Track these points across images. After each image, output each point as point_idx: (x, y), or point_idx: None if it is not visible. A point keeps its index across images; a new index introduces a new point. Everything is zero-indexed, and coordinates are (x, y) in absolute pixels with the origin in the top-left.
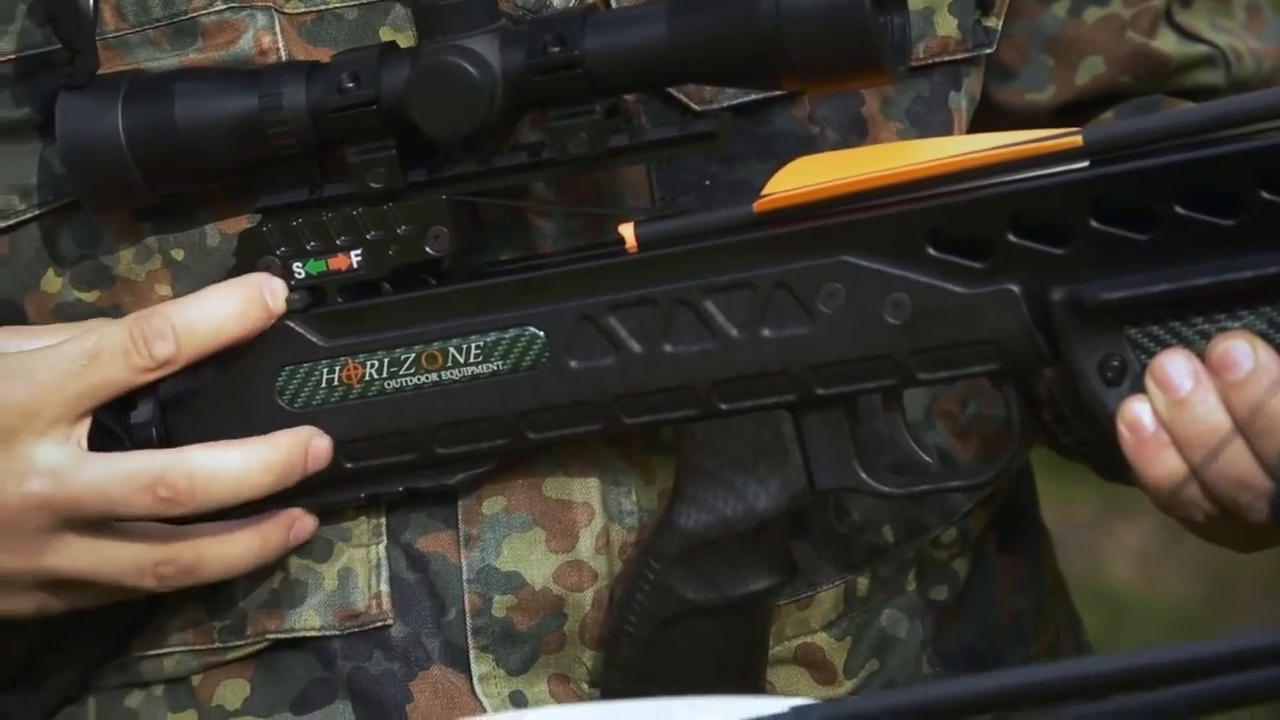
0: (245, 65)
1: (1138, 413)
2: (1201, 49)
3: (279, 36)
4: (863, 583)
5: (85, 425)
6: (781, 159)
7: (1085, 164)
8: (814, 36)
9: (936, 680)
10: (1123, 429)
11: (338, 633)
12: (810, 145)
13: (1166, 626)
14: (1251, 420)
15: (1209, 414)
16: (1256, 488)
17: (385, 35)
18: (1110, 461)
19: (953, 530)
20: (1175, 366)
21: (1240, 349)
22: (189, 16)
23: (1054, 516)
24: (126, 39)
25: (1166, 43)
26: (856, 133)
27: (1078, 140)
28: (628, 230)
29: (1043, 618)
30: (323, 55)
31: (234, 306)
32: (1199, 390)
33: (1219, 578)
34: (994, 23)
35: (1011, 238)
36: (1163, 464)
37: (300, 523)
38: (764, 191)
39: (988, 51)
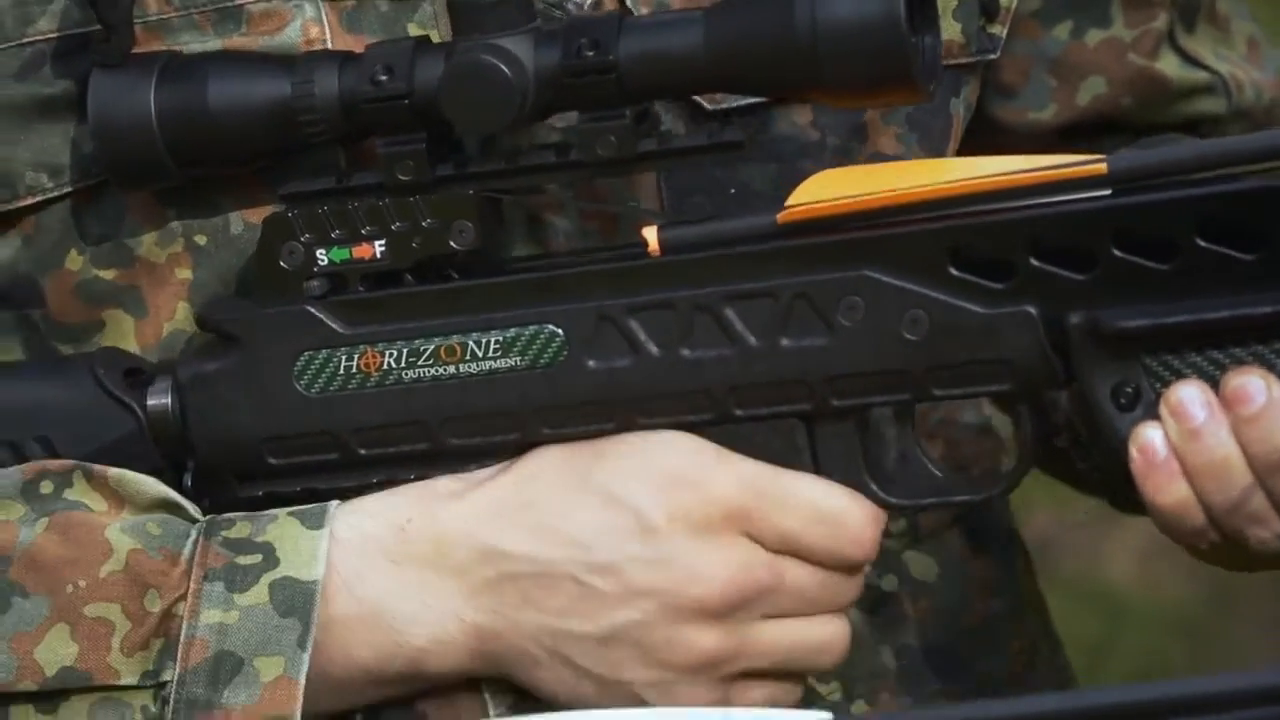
0: (288, 54)
1: (1150, 438)
2: (1203, 75)
3: (326, 28)
4: None
5: None
6: (783, 162)
7: (1107, 191)
8: (849, 53)
9: (968, 701)
10: (1134, 452)
11: None
12: (811, 149)
13: (1166, 627)
14: (1263, 455)
15: (1220, 446)
16: (1266, 522)
17: (413, 31)
18: (1121, 488)
19: (901, 521)
20: (1190, 396)
21: (1254, 384)
22: (236, 3)
23: (1054, 517)
24: (170, 21)
25: (1169, 66)
26: (857, 138)
27: (1102, 168)
28: (651, 234)
29: (1017, 624)
30: (357, 45)
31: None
32: (1212, 422)
33: (1219, 578)
34: (998, 30)
35: (1033, 261)
36: (1172, 491)
37: None
38: (788, 203)
39: (991, 57)
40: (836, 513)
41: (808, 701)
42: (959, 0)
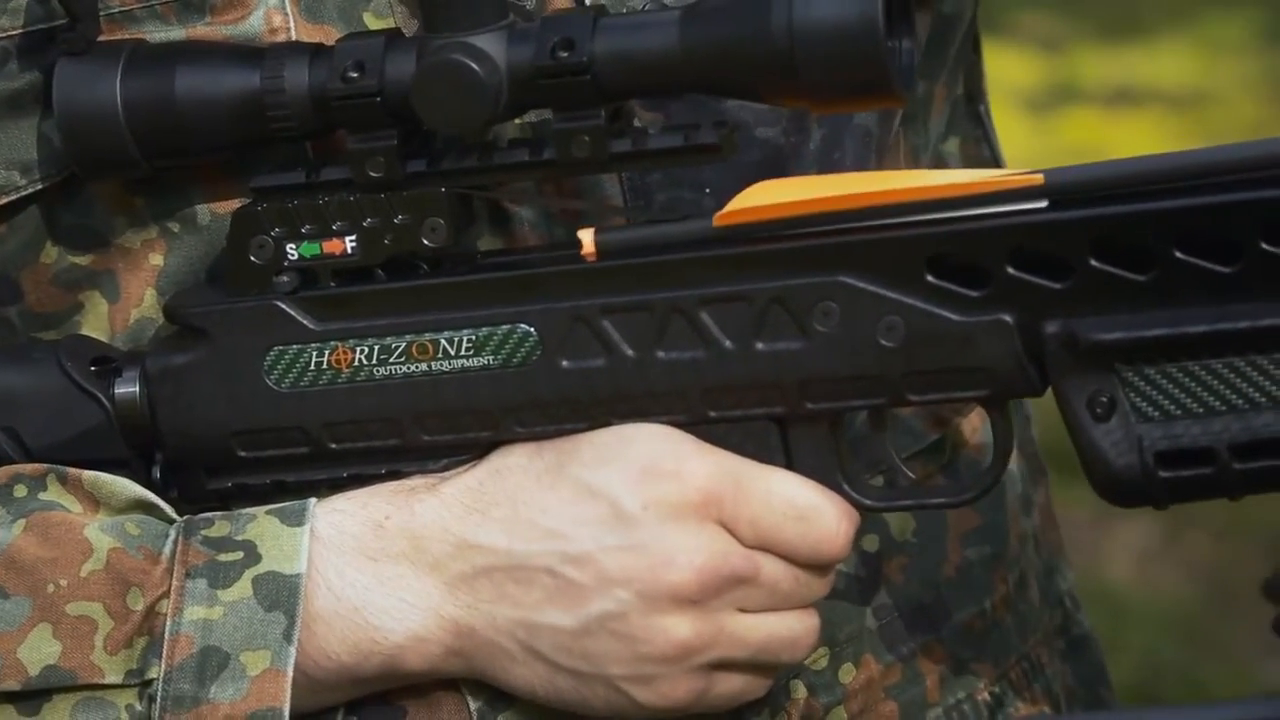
0: (252, 43)
1: None
2: None
3: (290, 16)
4: None
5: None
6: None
7: (1044, 204)
8: (826, 57)
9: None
10: None
11: None
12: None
13: (1166, 626)
14: None
15: None
16: None
17: (369, 20)
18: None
19: (879, 478)
20: None
21: None
22: None
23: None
24: (134, 12)
25: None
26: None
27: (1039, 179)
28: (587, 236)
29: (998, 569)
30: (320, 34)
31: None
32: None
33: (1219, 578)
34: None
35: (1010, 269)
36: None
37: None
38: (727, 208)
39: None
40: (812, 509)
41: (793, 670)
42: None
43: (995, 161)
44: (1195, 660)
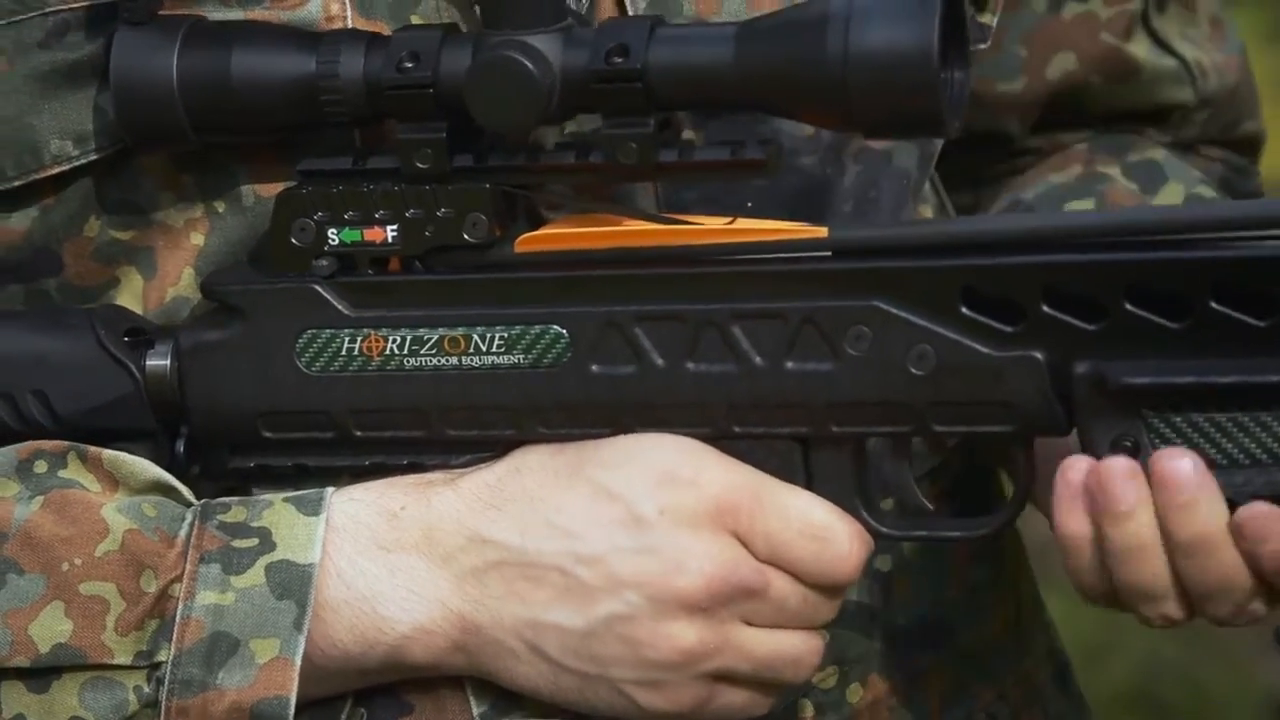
0: (310, 29)
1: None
2: (1170, 63)
3: (346, 5)
4: None
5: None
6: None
7: (828, 254)
8: (879, 84)
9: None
10: (1059, 483)
11: None
12: (806, 144)
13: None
14: (1182, 544)
15: (1142, 531)
16: (1161, 598)
17: (414, 22)
18: None
19: (889, 501)
20: (1119, 479)
21: (1184, 471)
22: None
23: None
24: None
25: (1140, 49)
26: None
27: (822, 232)
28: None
29: (1001, 591)
30: (374, 29)
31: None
32: (1139, 509)
33: None
34: (989, 19)
35: (1044, 307)
36: (1076, 527)
37: None
38: (528, 235)
39: (982, 47)
40: (827, 529)
41: (801, 689)
42: None
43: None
44: (1195, 660)
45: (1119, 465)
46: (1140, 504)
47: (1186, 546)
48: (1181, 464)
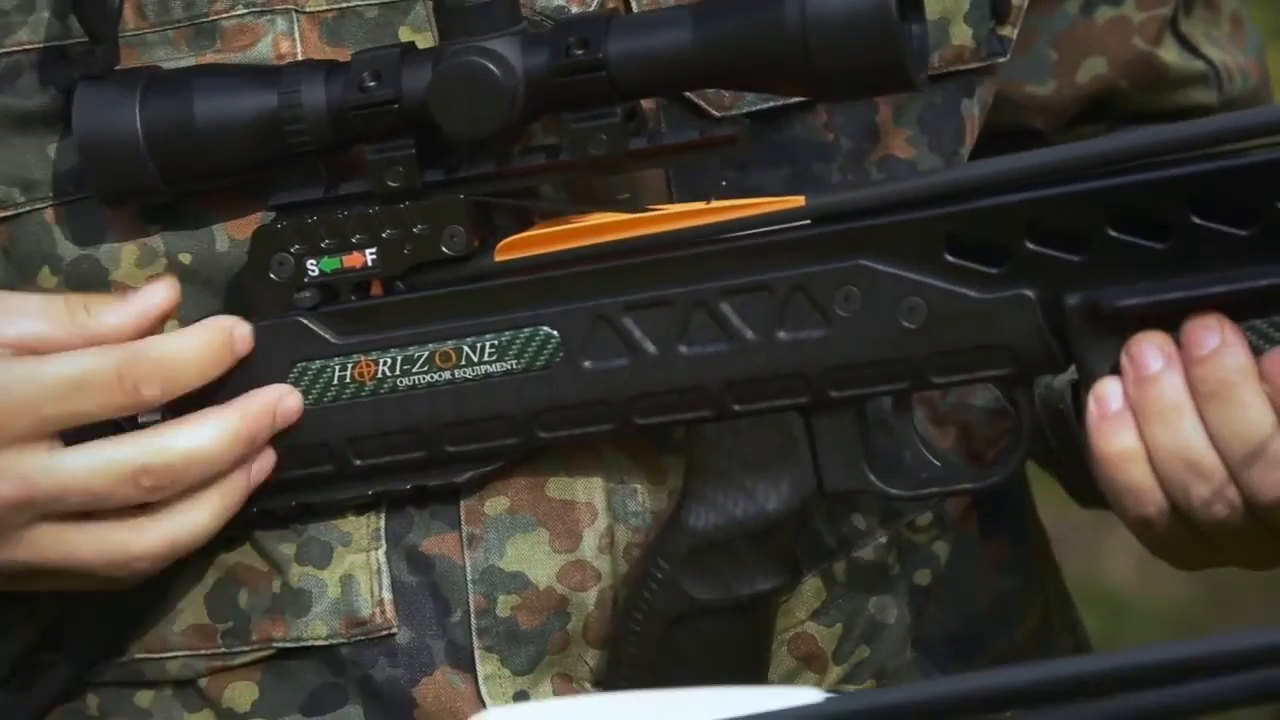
0: (270, 65)
1: (1108, 390)
2: (1199, 65)
3: (297, 42)
4: (839, 569)
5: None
6: (796, 165)
7: (808, 222)
8: (839, 45)
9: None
10: (1091, 404)
11: (345, 641)
12: (824, 152)
13: (1166, 627)
14: (1208, 394)
15: (1173, 391)
16: (1206, 473)
17: (404, 34)
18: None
19: (929, 514)
20: (1149, 345)
21: (1208, 325)
22: (210, 19)
23: (1054, 516)
24: (145, 37)
25: (1169, 53)
26: (869, 139)
27: (799, 201)
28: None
29: (1029, 598)
30: (340, 55)
31: (208, 352)
32: (1168, 370)
33: (1218, 578)
34: (1009, 31)
35: (1028, 244)
36: (1118, 440)
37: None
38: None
39: (1001, 60)
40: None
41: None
42: (970, 4)
43: None
44: None
45: (1150, 335)
46: (1169, 364)
47: (1214, 395)
48: (1206, 318)
